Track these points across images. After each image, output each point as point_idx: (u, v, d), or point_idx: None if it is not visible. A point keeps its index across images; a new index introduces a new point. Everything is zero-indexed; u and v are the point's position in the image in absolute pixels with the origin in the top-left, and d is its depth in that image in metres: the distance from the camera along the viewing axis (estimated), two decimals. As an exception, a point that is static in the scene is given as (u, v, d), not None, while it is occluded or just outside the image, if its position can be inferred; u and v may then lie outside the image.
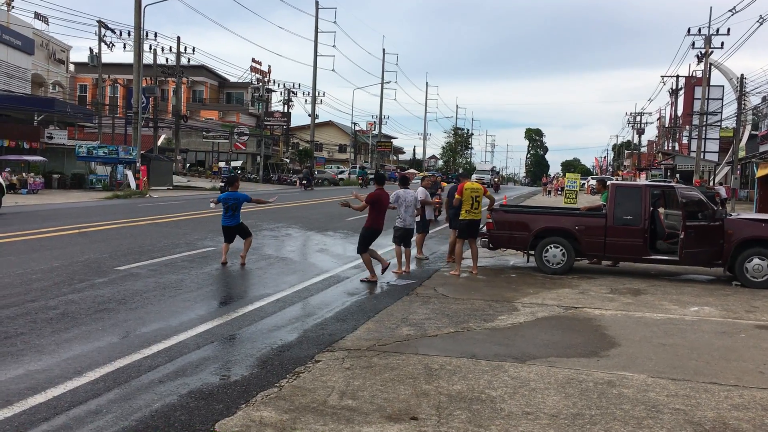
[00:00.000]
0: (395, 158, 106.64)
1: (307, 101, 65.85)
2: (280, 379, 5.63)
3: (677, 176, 46.85)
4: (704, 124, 45.27)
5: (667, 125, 68.39)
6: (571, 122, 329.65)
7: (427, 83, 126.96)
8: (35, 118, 38.19)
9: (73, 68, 61.06)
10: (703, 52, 41.94)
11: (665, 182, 29.14)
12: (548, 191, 56.37)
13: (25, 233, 14.53)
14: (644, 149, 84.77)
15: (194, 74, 64.97)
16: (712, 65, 45.36)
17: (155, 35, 45.90)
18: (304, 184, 49.53)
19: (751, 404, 5.36)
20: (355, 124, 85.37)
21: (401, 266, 11.56)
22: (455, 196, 12.06)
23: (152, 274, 10.34)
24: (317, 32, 62.89)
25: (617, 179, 47.88)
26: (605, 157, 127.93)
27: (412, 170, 66.44)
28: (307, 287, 10.01)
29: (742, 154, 41.85)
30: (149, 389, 5.30)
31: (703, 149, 47.42)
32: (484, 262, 13.12)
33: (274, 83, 66.22)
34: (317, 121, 69.00)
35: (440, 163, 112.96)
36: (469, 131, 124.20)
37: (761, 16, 33.00)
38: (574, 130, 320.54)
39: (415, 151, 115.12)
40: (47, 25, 46.27)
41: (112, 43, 44.11)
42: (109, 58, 48.68)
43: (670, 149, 62.38)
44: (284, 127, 67.97)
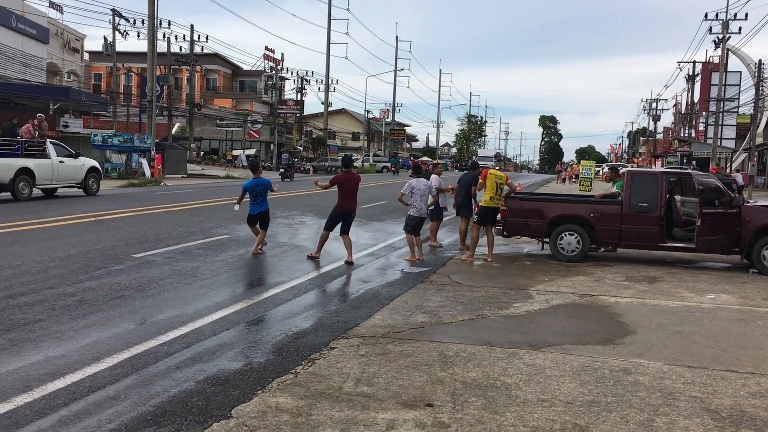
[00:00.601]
0: (408, 146, 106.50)
1: (320, 89, 66.01)
2: (295, 365, 5.66)
3: (693, 163, 46.45)
4: (721, 110, 44.78)
5: (683, 112, 67.73)
6: (585, 109, 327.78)
7: (440, 70, 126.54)
8: (51, 106, 38.43)
9: (87, 57, 61.39)
10: (720, 37, 41.45)
11: (682, 169, 28.91)
12: (562, 179, 56.09)
13: (42, 221, 14.66)
14: (660, 136, 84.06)
15: (208, 62, 65.08)
16: (729, 51, 44.82)
17: (169, 23, 46.18)
18: (281, 173, 39.83)
19: (768, 392, 5.33)
20: (368, 111, 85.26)
21: (414, 254, 11.55)
22: (479, 181, 12.14)
23: (168, 261, 10.41)
24: (330, 20, 62.80)
25: (633, 166, 47.55)
26: (620, 144, 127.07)
27: (425, 158, 66.05)
28: (321, 274, 10.04)
29: (759, 140, 41.41)
30: (166, 375, 5.35)
31: (719, 136, 46.95)
32: (498, 249, 13.09)
33: (287, 71, 66.34)
34: (330, 108, 68.98)
35: (453, 150, 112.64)
36: (482, 118, 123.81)
37: (780, 0, 32.50)
38: (588, 117, 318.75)
39: (428, 138, 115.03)
40: (62, 14, 46.72)
41: (126, 31, 44.30)
42: (123, 46, 49.01)
43: (686, 136, 61.83)
44: (297, 115, 68.01)
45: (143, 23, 41.06)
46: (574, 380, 5.45)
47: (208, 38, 59.62)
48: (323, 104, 65.00)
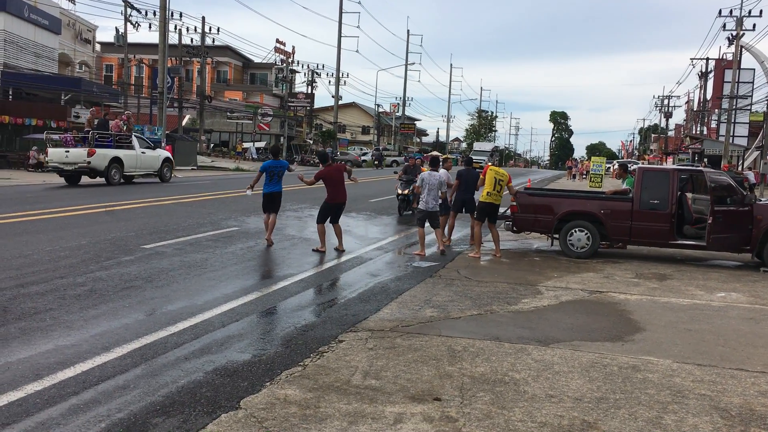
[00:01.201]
0: (418, 140, 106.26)
1: (330, 82, 65.76)
2: (304, 358, 5.67)
3: (705, 160, 46.16)
4: (734, 107, 44.47)
5: (695, 109, 67.29)
6: (597, 105, 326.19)
7: (451, 65, 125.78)
8: (62, 97, 38.62)
9: (99, 48, 61.56)
10: (734, 34, 41.12)
11: (694, 167, 28.73)
12: (573, 175, 55.82)
13: (53, 210, 14.73)
14: (671, 133, 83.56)
15: (219, 55, 65.09)
16: (743, 48, 44.47)
17: (180, 15, 46.29)
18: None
19: (778, 391, 5.30)
20: (378, 105, 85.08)
21: (423, 248, 11.53)
22: (479, 177, 12.12)
23: (177, 252, 10.44)
24: (342, 13, 62.65)
25: (643, 163, 47.32)
26: (631, 140, 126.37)
27: (435, 153, 65.96)
28: (330, 268, 10.05)
29: (772, 138, 41.03)
30: (175, 366, 5.37)
31: (732, 133, 46.63)
32: (507, 245, 13.06)
33: (298, 64, 66.19)
34: (341, 102, 68.89)
35: (464, 145, 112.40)
36: (493, 114, 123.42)
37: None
38: (600, 113, 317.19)
39: (438, 133, 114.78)
40: (74, 4, 46.76)
41: (137, 23, 44.38)
42: (134, 38, 49.20)
43: (698, 133, 61.43)
44: (308, 108, 67.94)
45: (155, 15, 41.15)
46: (582, 376, 5.43)
47: (219, 30, 59.57)
48: (334, 97, 64.92)
